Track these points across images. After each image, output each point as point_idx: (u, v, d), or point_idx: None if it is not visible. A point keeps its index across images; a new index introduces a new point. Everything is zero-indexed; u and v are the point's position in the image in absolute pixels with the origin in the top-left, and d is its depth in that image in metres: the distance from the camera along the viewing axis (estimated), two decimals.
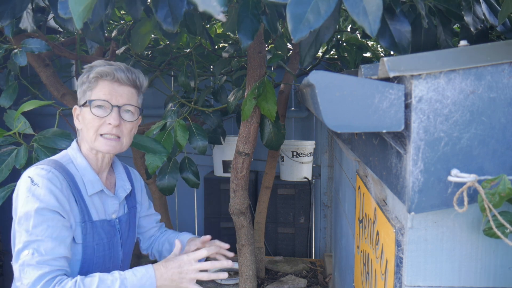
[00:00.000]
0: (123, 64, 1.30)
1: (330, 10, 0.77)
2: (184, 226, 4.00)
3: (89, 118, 1.24)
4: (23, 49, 1.72)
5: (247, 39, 1.20)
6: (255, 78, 2.01)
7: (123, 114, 1.27)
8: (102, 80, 1.25)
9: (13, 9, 1.29)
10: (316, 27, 0.77)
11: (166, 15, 1.04)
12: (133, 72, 1.29)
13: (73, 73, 3.33)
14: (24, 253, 1.11)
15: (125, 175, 1.44)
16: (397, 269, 0.94)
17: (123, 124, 1.27)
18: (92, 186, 1.27)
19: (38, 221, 1.13)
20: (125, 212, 1.39)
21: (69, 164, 1.27)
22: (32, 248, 1.11)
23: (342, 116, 0.76)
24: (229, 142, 3.25)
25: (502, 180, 0.72)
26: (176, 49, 2.82)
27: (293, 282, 2.98)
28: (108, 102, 1.24)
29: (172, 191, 2.18)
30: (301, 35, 0.77)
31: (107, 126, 1.24)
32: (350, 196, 1.88)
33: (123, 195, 1.38)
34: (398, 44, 1.11)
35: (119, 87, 1.26)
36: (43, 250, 1.11)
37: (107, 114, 1.24)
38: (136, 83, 1.30)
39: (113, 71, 1.24)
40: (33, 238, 1.12)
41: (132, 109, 1.29)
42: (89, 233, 1.24)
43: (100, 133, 1.25)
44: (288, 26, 0.77)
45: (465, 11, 1.24)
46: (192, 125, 2.19)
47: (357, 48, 2.83)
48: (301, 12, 0.77)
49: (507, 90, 0.76)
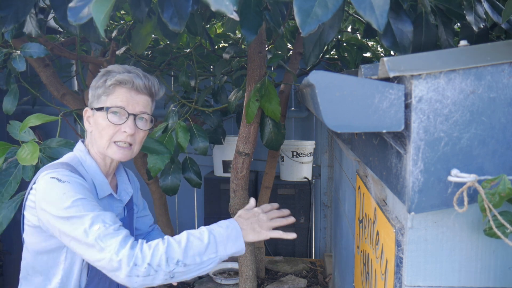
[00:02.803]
0: (140, 70, 1.29)
1: (338, 3, 0.76)
2: (184, 226, 4.00)
3: (104, 124, 1.23)
4: (22, 53, 1.71)
5: (251, 34, 1.19)
6: (255, 78, 2.01)
7: (137, 122, 1.26)
8: (120, 87, 1.23)
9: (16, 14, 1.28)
10: (324, 21, 0.76)
11: (172, 15, 1.05)
12: (150, 79, 1.28)
13: (73, 73, 3.33)
14: (95, 228, 1.08)
15: (126, 177, 1.43)
16: (397, 269, 0.94)
17: (136, 133, 1.26)
18: (102, 189, 1.27)
19: (86, 206, 1.11)
20: (125, 215, 1.38)
21: (79, 167, 1.25)
22: (101, 221, 1.09)
23: (342, 116, 0.76)
24: (229, 142, 3.25)
25: (502, 180, 0.72)
26: (176, 49, 2.82)
27: (293, 282, 2.98)
28: (125, 110, 1.23)
29: (176, 191, 2.18)
30: (310, 28, 0.76)
31: (122, 134, 1.23)
32: (350, 196, 1.88)
33: (127, 198, 1.38)
34: (399, 43, 1.11)
35: (136, 95, 1.25)
36: (109, 221, 1.10)
37: (123, 122, 1.23)
38: (152, 90, 1.29)
39: (132, 79, 1.23)
40: (93, 214, 1.10)
41: (147, 117, 1.29)
42: None
43: (114, 140, 1.24)
44: (296, 20, 0.76)
45: (467, 10, 1.24)
46: (193, 126, 2.20)
47: (357, 48, 2.83)
48: (308, 6, 0.76)
49: (507, 90, 0.76)
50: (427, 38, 1.25)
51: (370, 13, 0.79)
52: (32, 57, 1.69)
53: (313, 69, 3.03)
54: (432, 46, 1.27)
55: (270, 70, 3.32)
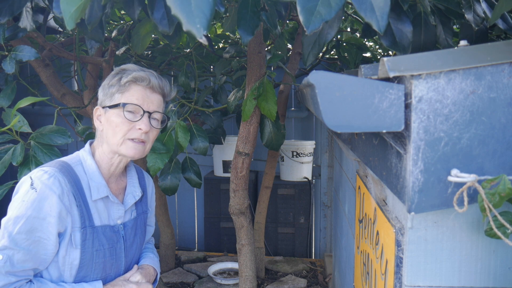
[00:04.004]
0: (154, 71, 1.30)
1: (341, 2, 0.76)
2: (184, 226, 4.00)
3: (118, 121, 1.23)
4: (13, 56, 1.71)
5: (247, 35, 1.19)
6: (255, 78, 2.01)
7: (151, 120, 1.26)
8: (136, 84, 1.24)
9: (11, 7, 1.28)
10: (328, 19, 0.76)
11: (162, 17, 1.04)
12: (163, 80, 1.30)
13: (73, 73, 3.33)
14: None
15: (136, 180, 1.40)
16: (397, 269, 0.94)
17: (150, 131, 1.26)
18: (97, 191, 1.25)
19: (23, 229, 1.12)
20: (131, 217, 1.36)
21: (77, 166, 1.25)
22: (7, 256, 1.11)
23: (342, 116, 0.76)
24: (229, 142, 3.25)
25: (502, 180, 0.72)
26: (176, 49, 2.82)
27: (293, 282, 2.98)
28: (140, 107, 1.23)
29: (175, 191, 2.18)
30: (314, 27, 0.76)
31: (137, 131, 1.23)
32: (350, 196, 1.88)
33: (131, 201, 1.35)
34: (399, 43, 1.11)
35: (151, 94, 1.26)
36: (15, 261, 1.11)
37: (138, 119, 1.23)
38: (165, 91, 1.31)
39: (149, 77, 1.24)
40: (12, 245, 1.11)
41: (160, 116, 1.30)
42: (89, 239, 1.22)
43: (129, 137, 1.23)
44: (300, 19, 0.76)
45: (466, 9, 1.24)
46: (193, 126, 2.20)
47: (357, 48, 2.83)
48: (312, 5, 0.76)
49: (507, 90, 0.76)
50: (426, 38, 1.25)
51: (370, 14, 0.79)
52: (22, 60, 1.69)
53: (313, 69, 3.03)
54: (431, 46, 1.27)
55: (270, 70, 3.32)
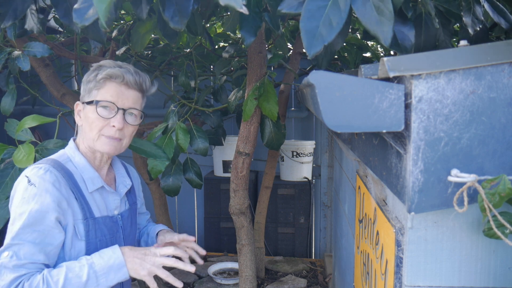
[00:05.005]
0: (131, 66, 1.30)
1: (342, 22, 0.77)
2: (184, 226, 4.00)
3: (93, 117, 1.25)
4: (26, 52, 1.71)
5: (250, 36, 1.20)
6: (255, 78, 2.01)
7: (127, 117, 1.28)
8: (110, 81, 1.25)
9: (15, 10, 1.29)
10: (329, 41, 0.77)
11: (173, 14, 1.05)
12: (141, 76, 1.30)
13: (73, 73, 3.33)
14: (4, 255, 1.12)
15: (124, 171, 1.46)
16: (397, 269, 0.94)
17: (125, 127, 1.28)
18: (92, 183, 1.28)
19: (27, 223, 1.13)
20: (126, 208, 1.41)
21: (67, 163, 1.27)
22: (12, 251, 1.12)
23: (342, 116, 0.76)
24: (229, 142, 3.25)
25: (502, 180, 0.72)
26: (176, 49, 2.82)
27: (293, 282, 2.98)
28: (114, 104, 1.25)
29: (177, 192, 2.18)
30: (315, 50, 0.78)
31: (110, 128, 1.25)
32: (350, 196, 1.88)
33: (124, 190, 1.40)
34: (401, 45, 1.11)
35: (126, 90, 1.27)
36: (22, 255, 1.12)
37: (112, 116, 1.25)
38: (143, 87, 1.31)
39: (122, 74, 1.25)
40: (15, 241, 1.13)
41: (136, 112, 1.31)
42: (92, 230, 1.25)
43: (103, 134, 1.26)
44: (303, 43, 0.78)
45: (465, 12, 1.24)
46: (193, 127, 2.19)
47: (357, 48, 2.83)
48: (313, 26, 0.77)
49: (507, 90, 0.76)
50: (426, 39, 1.26)
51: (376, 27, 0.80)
52: (36, 56, 1.69)
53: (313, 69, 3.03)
54: (431, 47, 1.27)
55: (270, 70, 3.32)
